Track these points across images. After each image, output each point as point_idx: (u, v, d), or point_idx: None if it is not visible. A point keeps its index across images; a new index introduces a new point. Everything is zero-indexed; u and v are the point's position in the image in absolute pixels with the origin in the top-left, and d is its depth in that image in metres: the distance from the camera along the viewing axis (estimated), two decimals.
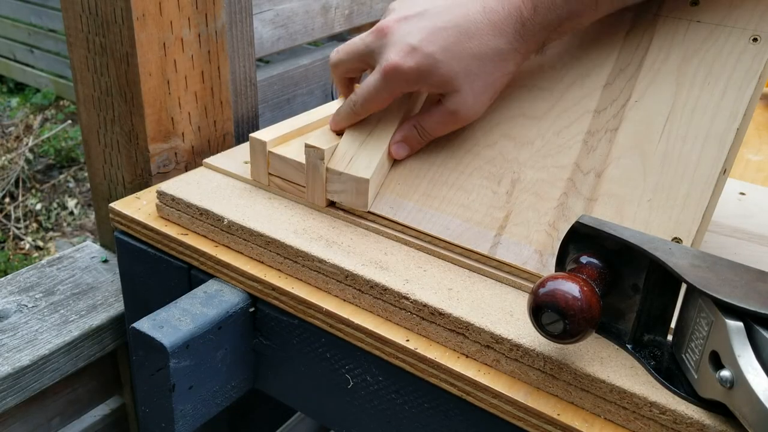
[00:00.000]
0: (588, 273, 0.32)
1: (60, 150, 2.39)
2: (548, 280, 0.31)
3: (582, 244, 0.34)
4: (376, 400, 0.41)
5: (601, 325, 0.35)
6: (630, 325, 0.34)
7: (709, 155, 0.37)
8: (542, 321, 0.31)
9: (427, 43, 0.39)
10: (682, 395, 0.32)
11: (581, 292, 0.30)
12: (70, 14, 0.54)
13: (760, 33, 0.38)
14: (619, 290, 0.34)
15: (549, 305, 0.30)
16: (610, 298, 0.34)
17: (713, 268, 0.31)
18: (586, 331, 0.30)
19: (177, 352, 0.40)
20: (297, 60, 0.84)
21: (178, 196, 0.48)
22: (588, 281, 0.31)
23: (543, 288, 0.30)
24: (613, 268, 0.33)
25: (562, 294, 0.30)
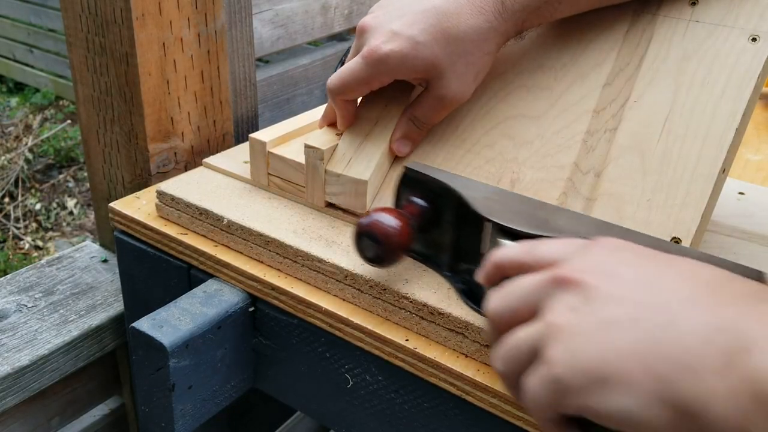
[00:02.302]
0: (409, 210, 0.38)
1: (59, 150, 2.39)
2: (370, 213, 0.36)
3: (411, 186, 0.39)
4: (376, 399, 0.41)
5: (427, 257, 0.40)
6: (448, 256, 0.39)
7: (708, 155, 0.37)
8: (360, 246, 0.36)
9: (407, 27, 0.39)
10: (478, 310, 0.36)
11: (395, 224, 0.35)
12: (69, 14, 0.54)
13: (758, 32, 0.38)
14: (440, 226, 0.39)
15: (366, 233, 0.35)
16: (433, 234, 0.39)
17: (503, 201, 0.36)
18: (396, 257, 0.36)
19: (177, 351, 0.40)
20: (296, 60, 0.84)
21: (177, 195, 0.48)
22: (405, 216, 0.37)
23: (364, 219, 0.36)
24: (436, 207, 0.38)
25: (377, 225, 0.35)
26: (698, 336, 0.20)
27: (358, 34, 0.42)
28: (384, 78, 0.41)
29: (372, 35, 0.40)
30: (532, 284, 0.25)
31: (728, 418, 0.19)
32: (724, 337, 0.20)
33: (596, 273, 0.24)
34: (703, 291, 0.22)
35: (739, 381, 0.19)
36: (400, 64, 0.39)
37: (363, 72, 0.40)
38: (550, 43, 0.44)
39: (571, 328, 0.23)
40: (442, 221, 0.38)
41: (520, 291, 0.25)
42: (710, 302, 0.21)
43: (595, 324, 0.22)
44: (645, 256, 0.25)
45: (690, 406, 0.20)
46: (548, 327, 0.23)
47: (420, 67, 0.40)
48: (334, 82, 0.42)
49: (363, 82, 0.41)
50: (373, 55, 0.39)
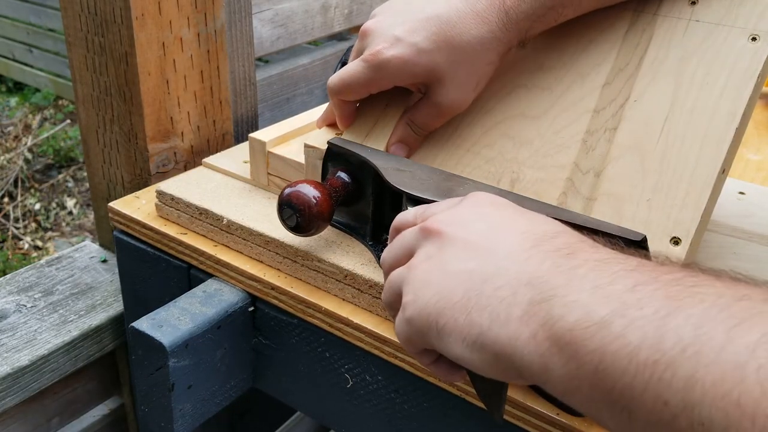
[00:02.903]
0: (333, 183, 0.40)
1: (59, 150, 2.39)
2: (292, 184, 0.38)
3: (336, 161, 0.41)
4: (375, 399, 0.41)
5: (352, 228, 0.42)
6: (370, 226, 0.41)
7: (707, 155, 0.37)
8: (283, 216, 0.38)
9: (410, 34, 0.39)
10: None
11: (315, 194, 0.37)
12: (69, 14, 0.54)
13: (758, 32, 0.38)
14: (363, 199, 0.41)
15: (286, 203, 0.38)
16: (357, 206, 0.41)
17: (413, 172, 0.39)
18: (316, 226, 0.38)
19: (176, 351, 0.40)
20: (296, 59, 0.84)
21: (177, 195, 0.48)
22: (327, 188, 0.39)
23: (286, 189, 0.38)
24: (358, 181, 0.40)
25: (297, 194, 0.37)
26: (510, 288, 0.23)
27: (360, 36, 0.42)
28: (384, 82, 0.41)
29: (375, 39, 0.40)
30: (408, 235, 0.28)
31: (532, 359, 0.22)
32: (531, 290, 0.23)
33: (454, 224, 0.27)
34: (528, 246, 0.24)
35: (539, 326, 0.22)
36: (401, 69, 0.40)
37: (363, 75, 0.41)
38: (550, 43, 0.44)
39: (422, 275, 0.26)
40: (364, 194, 0.40)
41: (400, 242, 0.29)
42: (529, 257, 0.24)
43: (440, 274, 0.25)
44: (501, 210, 0.27)
45: (501, 350, 0.23)
46: (409, 271, 0.27)
47: (421, 74, 0.40)
48: (334, 83, 0.43)
49: (363, 85, 0.41)
50: (375, 60, 0.40)
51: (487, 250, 0.25)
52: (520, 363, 0.22)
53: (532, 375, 0.22)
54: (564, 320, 0.21)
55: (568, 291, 0.22)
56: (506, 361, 0.23)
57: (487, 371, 0.24)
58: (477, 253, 0.25)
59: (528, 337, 0.22)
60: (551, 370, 0.21)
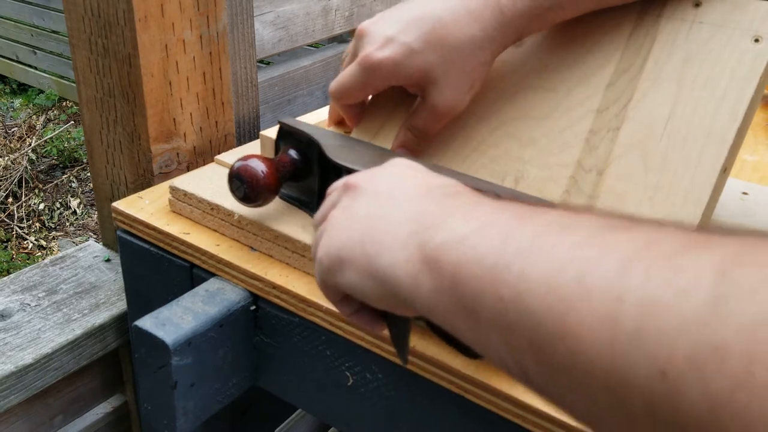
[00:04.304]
0: (281, 159, 0.43)
1: (63, 150, 2.40)
2: (242, 159, 0.41)
3: (286, 139, 0.44)
4: (376, 397, 0.41)
5: (303, 202, 0.45)
6: (317, 199, 0.43)
7: (709, 154, 0.37)
8: (232, 187, 0.42)
9: (403, 34, 0.39)
10: None
11: (262, 168, 0.40)
12: (72, 16, 0.54)
13: (761, 34, 0.38)
14: (312, 175, 0.44)
15: (235, 175, 0.41)
16: (307, 182, 0.44)
17: (352, 148, 0.42)
18: (263, 198, 0.41)
19: (179, 349, 0.40)
20: (297, 61, 0.85)
21: (190, 191, 0.48)
22: (275, 162, 0.42)
23: (236, 163, 0.41)
24: (306, 158, 0.43)
25: (246, 168, 0.40)
26: (398, 222, 0.26)
27: (355, 38, 0.42)
28: (378, 84, 0.41)
29: (368, 41, 0.40)
30: (333, 194, 0.31)
31: (406, 280, 0.24)
32: (415, 222, 0.25)
33: (368, 179, 0.30)
34: (422, 192, 0.27)
35: (414, 249, 0.24)
36: (394, 70, 0.39)
37: (358, 78, 0.41)
38: (554, 45, 0.44)
39: (334, 221, 0.29)
40: (313, 170, 0.43)
41: (327, 201, 0.31)
42: (420, 200, 0.27)
43: (347, 219, 0.28)
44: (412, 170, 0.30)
45: (384, 276, 0.25)
46: (325, 221, 0.30)
47: (414, 74, 0.40)
48: (333, 88, 0.43)
49: (358, 88, 0.42)
50: (366, 62, 0.40)
51: (388, 197, 0.28)
52: (397, 286, 0.25)
53: (406, 297, 0.24)
54: (433, 241, 0.24)
55: (442, 219, 0.24)
56: (388, 286, 0.25)
57: (376, 300, 0.27)
58: (380, 200, 0.28)
59: (404, 261, 0.24)
60: (420, 287, 0.24)
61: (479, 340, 0.22)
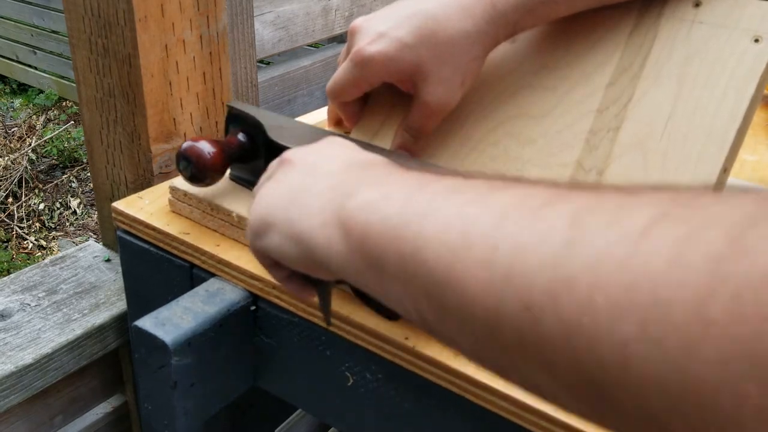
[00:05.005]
0: (229, 140, 0.45)
1: (63, 150, 2.40)
2: (190, 140, 0.43)
3: (235, 122, 0.46)
4: (376, 397, 0.41)
5: (251, 182, 0.46)
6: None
7: (709, 153, 0.37)
8: (180, 167, 0.43)
9: (395, 29, 0.39)
10: None
11: (209, 149, 0.42)
12: (72, 16, 0.54)
13: (761, 34, 0.38)
14: (258, 156, 0.45)
15: (182, 155, 0.43)
16: (254, 163, 0.46)
17: (293, 129, 0.45)
18: (210, 177, 0.43)
19: (178, 349, 0.40)
20: (297, 61, 0.85)
21: (190, 191, 0.48)
22: (221, 144, 0.43)
23: (184, 144, 0.43)
24: (253, 139, 0.45)
25: (192, 148, 0.42)
26: (318, 191, 0.28)
27: (349, 35, 0.42)
28: (372, 79, 0.41)
29: (360, 36, 0.40)
30: (272, 165, 0.33)
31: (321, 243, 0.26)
32: (332, 190, 0.27)
33: (302, 155, 0.31)
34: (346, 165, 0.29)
35: (330, 214, 0.26)
36: (386, 64, 0.39)
37: (351, 73, 0.41)
38: (554, 44, 0.44)
39: (266, 190, 0.31)
40: (259, 151, 0.45)
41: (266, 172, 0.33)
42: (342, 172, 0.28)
43: (277, 188, 0.30)
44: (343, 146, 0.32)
45: (303, 239, 0.27)
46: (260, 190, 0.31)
47: (406, 69, 0.40)
48: (329, 87, 0.43)
49: (352, 84, 0.41)
50: (359, 57, 0.40)
51: (315, 169, 0.30)
52: (314, 248, 0.27)
53: (322, 259, 0.26)
54: (346, 207, 0.26)
55: (357, 188, 0.26)
56: (306, 248, 0.27)
57: (296, 262, 0.28)
58: (307, 172, 0.30)
59: (320, 225, 0.26)
60: (333, 249, 0.25)
61: (385, 293, 0.24)
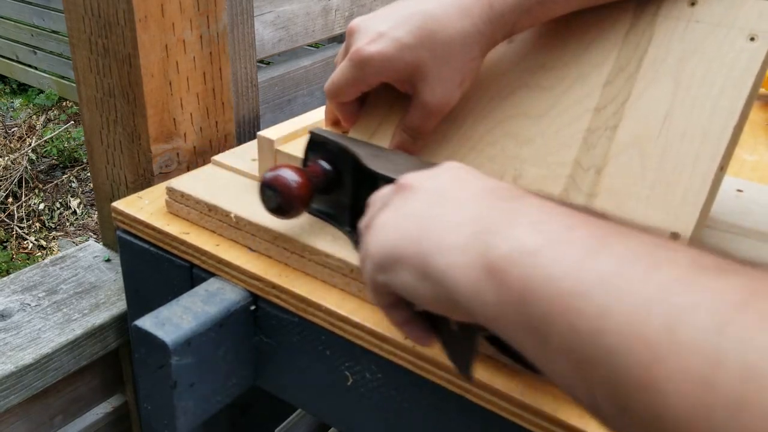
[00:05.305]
0: (313, 169, 0.42)
1: (63, 150, 2.40)
2: (274, 169, 0.40)
3: (316, 150, 0.43)
4: (376, 397, 0.41)
5: (331, 216, 0.43)
6: (348, 214, 0.42)
7: (706, 152, 0.37)
8: (264, 197, 0.40)
9: (394, 29, 0.39)
10: None
11: (295, 179, 0.39)
12: (72, 16, 0.54)
13: (757, 32, 0.38)
14: (342, 187, 0.42)
15: (269, 185, 0.40)
16: (336, 194, 0.42)
17: (390, 157, 0.41)
18: (296, 209, 0.40)
19: (178, 349, 0.41)
20: (298, 61, 0.85)
21: (187, 192, 0.48)
22: (306, 173, 0.41)
23: (268, 173, 0.40)
24: (337, 169, 0.42)
25: (278, 178, 0.39)
26: (456, 223, 0.25)
27: (347, 35, 0.42)
28: (370, 79, 0.41)
29: (359, 36, 0.40)
30: (382, 194, 0.31)
31: (466, 285, 0.23)
32: (474, 224, 0.24)
33: (422, 180, 0.29)
34: (483, 195, 0.26)
35: (476, 256, 0.23)
36: (385, 64, 0.39)
37: (349, 73, 0.41)
38: (551, 43, 0.44)
39: (387, 220, 0.28)
40: (344, 182, 0.42)
41: (375, 203, 0.31)
42: (477, 202, 0.26)
43: (401, 217, 0.28)
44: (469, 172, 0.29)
45: (441, 278, 0.24)
46: (377, 220, 0.29)
47: (404, 69, 0.40)
48: (327, 86, 0.43)
49: (351, 84, 0.41)
50: (357, 57, 0.40)
51: (445, 197, 0.27)
52: (455, 291, 0.24)
53: (465, 303, 0.23)
54: (498, 249, 0.22)
55: (507, 225, 0.23)
56: (445, 289, 0.24)
57: (429, 302, 0.26)
58: (436, 200, 0.27)
59: (464, 265, 0.23)
60: (481, 296, 0.23)
61: (545, 362, 0.21)
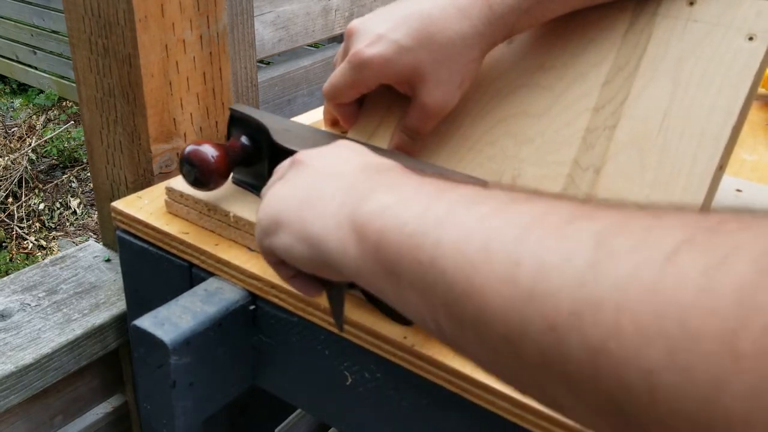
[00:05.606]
0: (232, 144, 0.44)
1: (63, 150, 2.40)
2: (193, 143, 0.42)
3: (237, 126, 0.46)
4: (375, 396, 0.41)
5: (254, 186, 0.46)
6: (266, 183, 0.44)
7: (705, 151, 0.38)
8: (183, 171, 0.43)
9: (393, 31, 0.39)
10: None
11: (213, 153, 0.41)
12: (72, 16, 0.54)
13: (755, 32, 0.39)
14: (261, 160, 0.45)
15: (186, 159, 0.42)
16: (258, 166, 0.45)
17: (299, 133, 0.44)
18: (214, 181, 0.42)
19: (178, 348, 0.41)
20: (298, 61, 0.85)
21: (186, 192, 0.48)
22: (225, 147, 0.43)
23: (188, 147, 0.42)
24: (256, 143, 0.44)
25: (196, 152, 0.42)
26: (332, 193, 0.28)
27: (346, 36, 0.42)
28: (369, 81, 0.41)
29: (358, 38, 0.40)
30: (283, 166, 0.33)
31: (335, 246, 0.26)
32: (346, 193, 0.27)
33: (312, 157, 0.32)
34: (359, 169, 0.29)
35: (344, 218, 0.26)
36: (384, 67, 0.39)
37: (348, 76, 0.41)
38: (550, 43, 0.44)
39: (277, 190, 0.31)
40: (262, 156, 0.44)
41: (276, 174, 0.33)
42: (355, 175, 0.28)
43: (289, 188, 0.30)
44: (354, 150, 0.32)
45: (316, 241, 0.27)
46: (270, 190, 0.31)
47: (403, 71, 0.40)
48: (325, 88, 0.43)
49: (349, 86, 0.41)
50: (356, 59, 0.40)
51: (328, 171, 0.30)
52: (327, 251, 0.26)
53: (335, 262, 0.26)
54: (360, 210, 0.25)
55: (371, 192, 0.26)
56: (319, 251, 0.27)
57: (306, 263, 0.28)
58: (319, 173, 0.30)
59: (334, 228, 0.26)
60: (347, 253, 0.25)
61: (400, 300, 0.24)
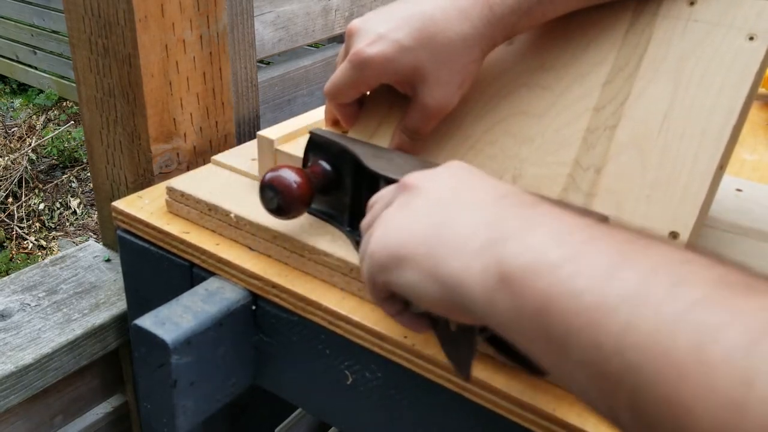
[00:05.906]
0: (313, 170, 0.42)
1: (63, 150, 2.40)
2: (274, 169, 0.40)
3: (316, 150, 0.43)
4: (375, 396, 0.41)
5: (332, 216, 0.43)
6: (348, 214, 0.42)
7: (706, 151, 0.38)
8: (264, 198, 0.40)
9: (393, 31, 0.39)
10: None
11: (295, 179, 0.39)
12: (72, 16, 0.54)
13: (756, 32, 0.39)
14: (342, 188, 0.42)
15: (269, 185, 0.40)
16: (336, 194, 0.42)
17: (391, 158, 0.41)
18: (296, 209, 0.40)
19: (178, 348, 0.41)
20: (298, 61, 0.85)
21: (187, 192, 0.48)
22: (307, 174, 0.40)
23: (269, 174, 0.40)
24: (338, 170, 0.42)
25: (278, 178, 0.39)
26: (470, 227, 0.25)
27: (347, 36, 0.42)
28: (370, 81, 0.41)
29: (358, 38, 0.40)
30: (385, 193, 0.31)
31: (479, 292, 0.23)
32: (488, 229, 0.24)
33: (428, 180, 0.29)
34: (491, 200, 0.26)
35: (491, 261, 0.23)
36: (384, 67, 0.39)
37: (349, 75, 0.41)
38: (550, 43, 0.44)
39: (392, 218, 0.28)
40: (343, 183, 0.42)
41: (378, 202, 0.31)
42: (491, 206, 0.26)
43: (407, 217, 0.27)
44: (473, 173, 0.29)
45: (453, 281, 0.24)
46: (381, 218, 0.29)
47: (404, 71, 0.40)
48: (326, 87, 0.43)
49: (350, 86, 0.42)
50: (357, 59, 0.40)
51: (453, 199, 0.27)
52: (468, 295, 0.23)
53: (477, 308, 0.23)
54: (516, 259, 0.22)
55: (525, 234, 0.23)
56: (456, 292, 0.24)
57: (434, 304, 0.25)
58: (443, 201, 0.27)
59: (479, 271, 0.23)
60: (496, 304, 0.22)
61: (563, 372, 0.20)
